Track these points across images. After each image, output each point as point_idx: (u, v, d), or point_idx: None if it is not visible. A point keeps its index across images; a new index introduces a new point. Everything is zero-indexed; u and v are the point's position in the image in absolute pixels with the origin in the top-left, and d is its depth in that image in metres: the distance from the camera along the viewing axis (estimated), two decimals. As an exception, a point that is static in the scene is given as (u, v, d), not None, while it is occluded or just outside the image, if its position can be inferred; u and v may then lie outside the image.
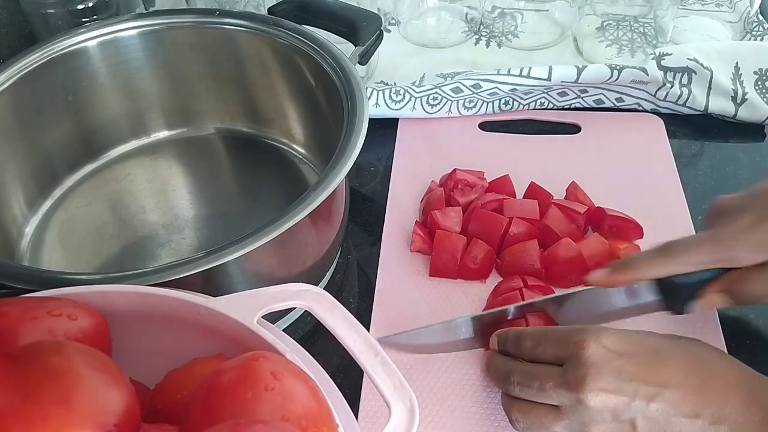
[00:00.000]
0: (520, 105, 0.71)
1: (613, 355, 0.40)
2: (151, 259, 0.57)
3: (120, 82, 0.62)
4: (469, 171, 0.62)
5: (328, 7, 0.61)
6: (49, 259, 0.57)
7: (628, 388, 0.39)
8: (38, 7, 0.66)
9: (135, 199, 0.62)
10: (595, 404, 0.40)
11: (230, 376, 0.29)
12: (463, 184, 0.61)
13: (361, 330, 0.35)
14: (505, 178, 0.62)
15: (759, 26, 0.77)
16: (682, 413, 0.39)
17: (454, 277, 0.56)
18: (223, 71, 0.63)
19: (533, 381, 0.42)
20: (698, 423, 0.39)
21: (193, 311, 0.35)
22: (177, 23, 0.61)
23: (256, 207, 0.61)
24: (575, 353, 0.41)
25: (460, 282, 0.56)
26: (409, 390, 0.33)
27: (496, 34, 0.81)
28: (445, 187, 0.61)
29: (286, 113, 0.64)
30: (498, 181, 0.62)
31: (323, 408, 0.30)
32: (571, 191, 0.61)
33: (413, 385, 0.44)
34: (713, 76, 0.68)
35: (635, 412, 0.39)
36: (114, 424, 0.26)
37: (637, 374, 0.40)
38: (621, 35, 0.78)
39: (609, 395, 0.39)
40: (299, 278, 0.40)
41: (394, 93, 0.68)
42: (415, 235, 0.58)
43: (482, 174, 0.62)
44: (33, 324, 0.31)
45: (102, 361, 0.28)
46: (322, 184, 0.44)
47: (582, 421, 0.41)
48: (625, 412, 0.40)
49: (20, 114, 0.57)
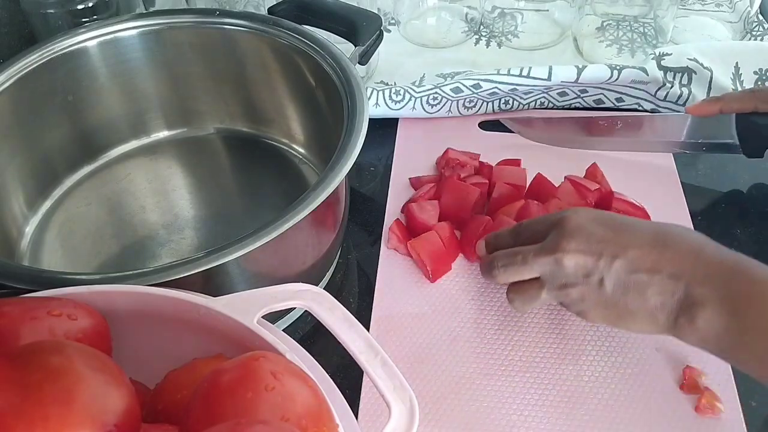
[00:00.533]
0: (520, 105, 0.71)
1: (588, 223, 0.45)
2: (151, 259, 0.57)
3: (120, 82, 0.62)
4: (462, 151, 0.64)
5: (328, 7, 0.61)
6: (49, 259, 0.57)
7: (596, 248, 0.44)
8: (38, 7, 0.66)
9: (135, 199, 0.62)
10: (568, 263, 0.44)
11: (230, 376, 0.29)
12: (455, 163, 0.63)
13: (361, 330, 0.35)
14: (517, 162, 0.64)
15: (759, 26, 0.77)
16: (642, 269, 0.42)
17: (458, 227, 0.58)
18: (223, 71, 0.64)
19: (516, 256, 0.47)
20: (657, 278, 0.42)
21: (193, 311, 0.35)
22: (177, 23, 0.61)
23: (256, 207, 0.61)
24: (557, 223, 0.46)
25: (461, 281, 0.56)
26: (409, 390, 0.33)
27: (496, 34, 0.81)
28: (438, 166, 0.65)
29: (286, 113, 0.64)
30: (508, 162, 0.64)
31: (323, 408, 0.30)
32: (591, 171, 0.62)
33: (413, 385, 0.44)
34: (713, 76, 0.68)
35: (602, 271, 0.43)
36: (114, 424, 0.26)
37: (605, 237, 0.44)
38: (621, 35, 0.78)
39: (579, 255, 0.44)
40: (299, 278, 0.40)
41: (394, 93, 0.68)
42: (391, 233, 0.58)
43: (477, 156, 0.64)
44: (33, 324, 0.31)
45: (102, 361, 0.28)
46: (322, 184, 0.44)
47: (560, 284, 0.45)
48: (594, 271, 0.44)
49: (20, 114, 0.57)
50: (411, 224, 0.59)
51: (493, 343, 0.52)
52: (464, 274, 0.57)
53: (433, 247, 0.56)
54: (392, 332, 0.53)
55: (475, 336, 0.52)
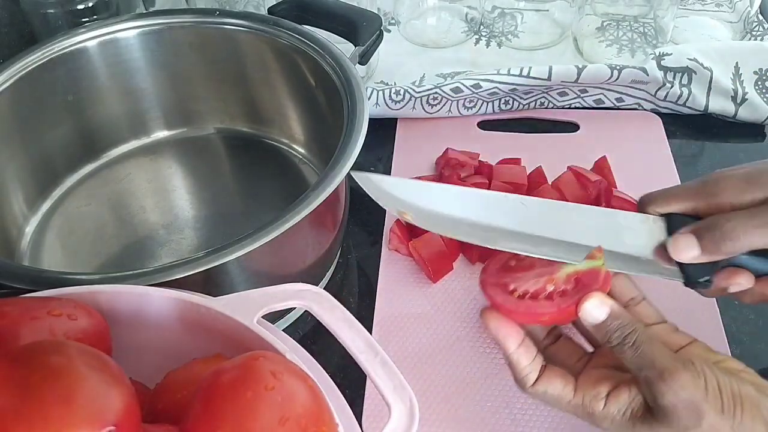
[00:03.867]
0: (520, 105, 0.71)
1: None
2: (151, 259, 0.57)
3: (120, 82, 0.62)
4: (462, 151, 0.64)
5: (328, 7, 0.61)
6: (49, 259, 0.57)
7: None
8: (38, 7, 0.66)
9: (135, 199, 0.62)
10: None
11: (230, 376, 0.29)
12: (454, 162, 0.63)
13: (361, 330, 0.35)
14: (516, 161, 0.64)
15: (759, 26, 0.77)
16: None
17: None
18: (223, 71, 0.63)
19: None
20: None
21: (193, 311, 0.35)
22: (177, 23, 0.61)
23: (256, 207, 0.61)
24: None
25: (463, 281, 0.56)
26: (409, 390, 0.33)
27: (496, 34, 0.81)
28: (438, 165, 0.64)
29: (286, 113, 0.64)
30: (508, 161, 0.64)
31: (323, 408, 0.30)
32: (599, 164, 0.62)
33: (416, 386, 0.44)
34: (713, 76, 0.68)
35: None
36: (114, 424, 0.26)
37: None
38: (621, 35, 0.78)
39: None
40: (299, 278, 0.40)
41: (394, 93, 0.68)
42: (392, 234, 0.58)
43: (477, 155, 0.64)
44: (33, 324, 0.31)
45: (102, 361, 0.28)
46: (322, 184, 0.44)
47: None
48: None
49: (20, 114, 0.57)
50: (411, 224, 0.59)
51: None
52: (466, 274, 0.56)
53: (435, 248, 0.56)
54: (395, 333, 0.53)
55: (478, 336, 0.52)
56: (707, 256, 0.39)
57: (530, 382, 0.38)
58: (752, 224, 0.38)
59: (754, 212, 0.38)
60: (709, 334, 0.51)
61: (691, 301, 0.53)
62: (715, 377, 0.35)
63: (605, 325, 0.37)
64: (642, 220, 0.42)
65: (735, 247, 0.38)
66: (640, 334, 0.36)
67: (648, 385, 0.35)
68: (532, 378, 0.38)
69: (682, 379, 0.34)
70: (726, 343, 0.51)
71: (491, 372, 0.50)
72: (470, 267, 0.57)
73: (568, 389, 0.38)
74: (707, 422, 0.34)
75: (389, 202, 0.43)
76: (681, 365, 0.35)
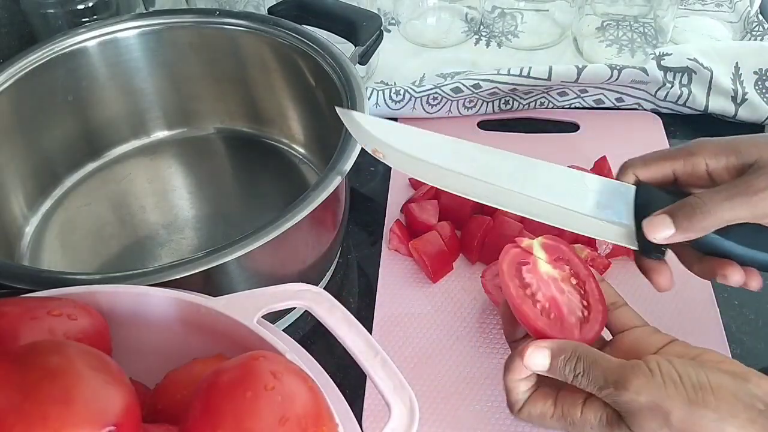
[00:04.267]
0: (520, 105, 0.71)
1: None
2: (151, 259, 0.57)
3: (120, 82, 0.62)
4: None
5: (328, 7, 0.61)
6: (49, 259, 0.57)
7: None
8: (38, 7, 0.66)
9: (135, 199, 0.62)
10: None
11: (230, 376, 0.29)
12: None
13: (361, 330, 0.35)
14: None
15: (759, 26, 0.77)
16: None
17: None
18: (223, 71, 0.64)
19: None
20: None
21: (193, 311, 0.35)
22: (177, 23, 0.61)
23: (256, 207, 0.61)
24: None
25: (463, 281, 0.56)
26: (408, 390, 0.33)
27: (496, 34, 0.81)
28: None
29: (286, 113, 0.64)
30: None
31: (323, 408, 0.30)
32: (599, 164, 0.61)
33: (416, 386, 0.44)
34: (713, 76, 0.68)
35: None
36: (114, 424, 0.26)
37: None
38: (621, 35, 0.78)
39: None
40: (299, 278, 0.40)
41: (394, 93, 0.68)
42: (392, 234, 0.58)
43: None
44: (33, 324, 0.31)
45: (102, 361, 0.28)
46: (322, 184, 0.44)
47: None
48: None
49: (20, 114, 0.57)
50: (411, 224, 0.59)
51: (496, 342, 0.52)
52: (466, 274, 0.56)
53: (435, 248, 0.56)
54: (395, 333, 0.53)
55: (478, 336, 0.52)
56: (681, 234, 0.39)
57: (519, 406, 0.39)
58: (720, 197, 0.39)
59: (723, 187, 0.39)
60: (709, 334, 0.51)
61: (691, 302, 0.53)
62: (675, 370, 0.34)
63: (554, 366, 0.37)
64: (611, 184, 0.43)
65: (707, 222, 0.39)
66: (584, 359, 0.36)
67: (611, 400, 0.35)
68: (521, 403, 0.39)
69: (635, 384, 0.34)
70: (726, 343, 0.51)
71: (491, 372, 0.50)
72: (470, 267, 0.57)
73: (548, 404, 0.38)
74: (676, 417, 0.33)
75: (366, 140, 0.45)
76: (630, 372, 0.35)
